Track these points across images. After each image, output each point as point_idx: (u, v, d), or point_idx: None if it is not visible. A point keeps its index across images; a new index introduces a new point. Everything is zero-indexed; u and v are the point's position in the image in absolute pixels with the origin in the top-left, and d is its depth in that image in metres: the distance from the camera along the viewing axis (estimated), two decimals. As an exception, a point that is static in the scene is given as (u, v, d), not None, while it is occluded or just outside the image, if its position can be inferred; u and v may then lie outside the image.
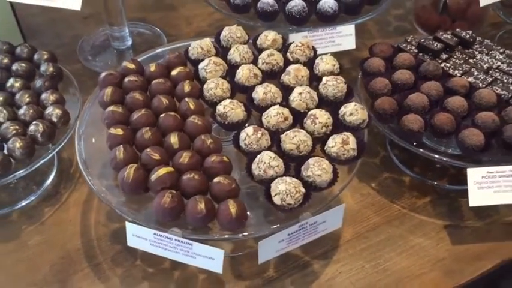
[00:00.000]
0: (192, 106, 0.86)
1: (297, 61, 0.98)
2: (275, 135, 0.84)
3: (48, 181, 1.10)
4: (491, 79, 1.06)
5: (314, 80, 0.96)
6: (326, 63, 0.95)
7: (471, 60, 1.11)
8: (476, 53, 1.13)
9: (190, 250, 0.74)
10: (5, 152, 0.91)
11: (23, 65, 1.07)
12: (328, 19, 1.12)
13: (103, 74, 0.94)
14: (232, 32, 1.02)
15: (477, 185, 0.92)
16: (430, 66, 1.07)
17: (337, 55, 1.21)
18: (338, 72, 0.97)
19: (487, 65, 1.10)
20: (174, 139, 0.81)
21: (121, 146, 0.79)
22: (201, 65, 0.95)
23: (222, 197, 0.74)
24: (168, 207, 0.72)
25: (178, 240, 0.73)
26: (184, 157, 0.78)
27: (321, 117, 0.84)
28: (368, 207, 1.07)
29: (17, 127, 0.93)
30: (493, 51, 1.14)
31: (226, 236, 0.75)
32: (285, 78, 0.94)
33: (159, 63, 0.97)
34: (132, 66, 0.96)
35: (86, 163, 0.88)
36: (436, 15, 1.29)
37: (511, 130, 0.93)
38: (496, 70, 1.09)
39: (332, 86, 0.91)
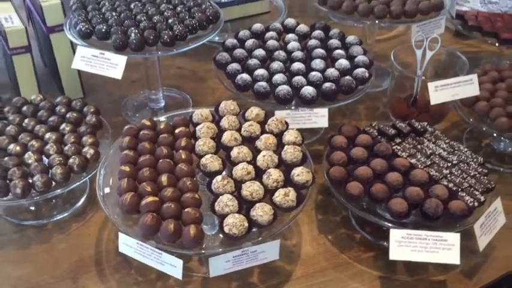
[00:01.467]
0: (183, 156, 1.18)
1: (271, 132, 1.29)
2: (239, 184, 1.14)
3: (79, 203, 1.43)
4: (430, 162, 1.32)
5: (280, 147, 1.25)
6: (290, 136, 1.26)
7: (419, 146, 1.37)
8: (425, 141, 1.40)
9: (160, 258, 1.03)
10: (49, 175, 1.25)
11: (75, 114, 1.43)
12: (308, 102, 1.43)
13: (126, 127, 1.29)
14: (227, 105, 1.35)
15: (397, 243, 1.16)
16: (382, 147, 1.34)
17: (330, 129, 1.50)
18: (300, 143, 1.26)
19: (430, 151, 1.35)
20: (164, 178, 1.12)
21: (125, 179, 1.12)
22: (198, 127, 1.28)
23: (187, 222, 1.04)
24: (148, 225, 1.02)
25: (152, 250, 1.03)
26: (168, 191, 1.09)
27: (274, 175, 1.14)
28: (321, 253, 1.32)
29: (60, 159, 1.27)
30: (439, 141, 1.39)
31: (183, 251, 1.04)
32: (258, 143, 1.25)
33: (168, 123, 1.31)
34: (148, 123, 1.30)
35: (103, 192, 1.20)
36: (406, 107, 1.57)
37: (429, 203, 1.18)
38: (437, 156, 1.34)
39: (290, 153, 1.20)
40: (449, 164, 1.32)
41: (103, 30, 1.47)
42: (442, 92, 1.42)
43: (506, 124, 1.42)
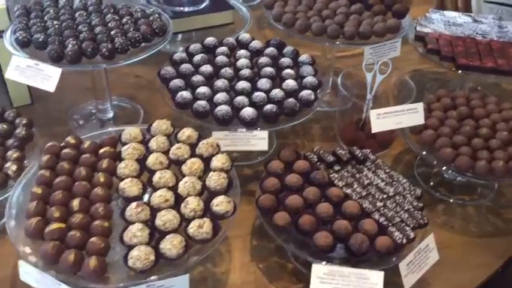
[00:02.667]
0: (101, 179, 1.13)
1: (200, 155, 1.24)
2: (155, 211, 1.09)
3: (4, 220, 1.37)
4: (365, 193, 1.27)
5: (208, 172, 1.21)
6: (218, 161, 1.21)
7: (357, 175, 1.33)
8: (365, 169, 1.35)
9: (60, 289, 0.98)
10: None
11: (5, 126, 1.38)
12: (247, 124, 1.38)
13: (48, 144, 1.24)
14: (159, 124, 1.30)
15: (319, 279, 1.11)
16: (318, 175, 1.29)
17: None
18: (228, 169, 1.21)
19: (368, 181, 1.31)
20: (75, 203, 1.07)
21: (35, 202, 1.06)
22: (123, 148, 1.23)
23: (91, 253, 0.99)
24: (49, 254, 0.97)
25: (52, 280, 0.98)
26: (77, 218, 1.04)
27: (192, 204, 1.09)
28: (249, 283, 1.27)
29: (-20, 174, 1.22)
30: (379, 170, 1.35)
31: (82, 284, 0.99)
32: (183, 168, 1.20)
33: (94, 142, 1.25)
34: (72, 141, 1.25)
35: (13, 213, 1.14)
36: (353, 131, 1.52)
37: (355, 239, 1.13)
38: (374, 186, 1.30)
39: (213, 180, 1.15)
40: (385, 196, 1.27)
41: (40, 39, 1.42)
42: (384, 120, 1.37)
43: (450, 155, 1.38)
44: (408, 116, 1.39)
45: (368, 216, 1.21)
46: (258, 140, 1.38)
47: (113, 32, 1.47)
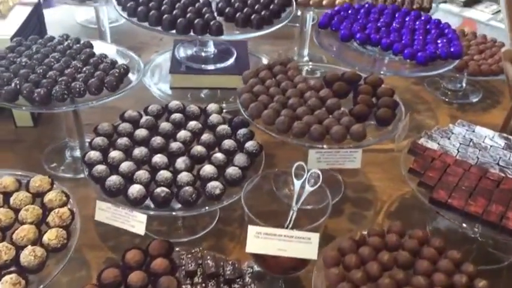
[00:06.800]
0: None
1: (48, 223, 1.17)
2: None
3: None
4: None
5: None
6: (46, 236, 1.13)
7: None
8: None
9: None
10: None
11: None
12: (130, 202, 1.27)
13: None
14: (35, 180, 1.27)
15: None
16: (164, 281, 1.12)
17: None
18: (56, 247, 1.12)
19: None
20: None
21: None
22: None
23: None
24: None
25: None
26: None
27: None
28: None
29: None
30: None
31: None
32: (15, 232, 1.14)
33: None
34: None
35: None
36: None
37: None
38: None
39: (23, 255, 1.08)
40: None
41: (-5, 73, 1.50)
42: (264, 242, 1.13)
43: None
44: (299, 246, 1.13)
45: None
46: (137, 222, 1.26)
47: (60, 79, 1.49)
